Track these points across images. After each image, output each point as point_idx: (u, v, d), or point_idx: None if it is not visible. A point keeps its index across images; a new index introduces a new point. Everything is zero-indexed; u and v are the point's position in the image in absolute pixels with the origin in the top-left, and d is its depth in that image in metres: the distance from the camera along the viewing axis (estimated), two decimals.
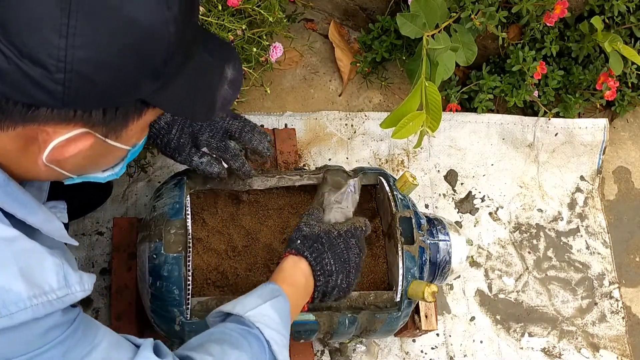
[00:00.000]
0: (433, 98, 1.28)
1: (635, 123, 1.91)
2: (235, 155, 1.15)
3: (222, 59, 0.78)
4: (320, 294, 1.05)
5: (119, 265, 1.39)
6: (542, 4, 1.54)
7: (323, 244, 1.05)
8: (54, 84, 0.62)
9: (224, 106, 0.79)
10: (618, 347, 1.63)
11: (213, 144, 1.13)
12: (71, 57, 0.61)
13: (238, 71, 0.80)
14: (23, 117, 0.64)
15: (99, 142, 0.71)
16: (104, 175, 0.82)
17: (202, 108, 0.77)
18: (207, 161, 1.14)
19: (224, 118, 1.13)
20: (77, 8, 0.60)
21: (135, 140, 0.77)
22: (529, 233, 1.70)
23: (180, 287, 1.12)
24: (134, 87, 0.67)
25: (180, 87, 0.71)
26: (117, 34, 0.62)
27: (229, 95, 0.78)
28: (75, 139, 0.68)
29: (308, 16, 1.83)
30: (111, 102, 0.67)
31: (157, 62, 0.66)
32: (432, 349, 1.52)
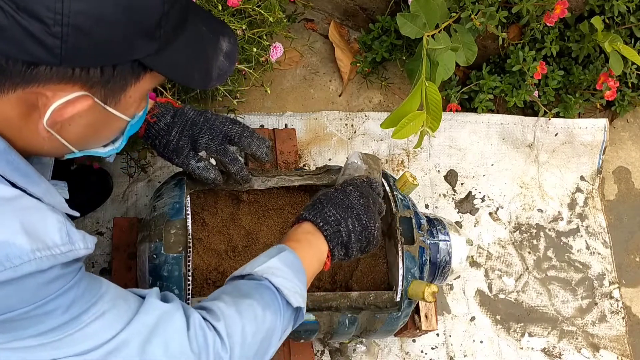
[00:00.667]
0: (433, 98, 1.28)
1: (635, 123, 1.91)
2: (234, 160, 1.15)
3: (217, 31, 0.80)
4: (338, 245, 1.03)
5: (119, 265, 1.38)
6: (542, 4, 1.54)
7: (321, 201, 1.06)
8: (52, 38, 0.62)
9: (220, 77, 0.79)
10: (618, 347, 1.63)
11: (212, 147, 1.13)
12: (68, 9, 0.61)
13: (233, 44, 0.81)
14: (23, 76, 0.65)
15: (98, 107, 0.71)
16: (105, 150, 0.83)
17: (199, 75, 0.77)
18: (203, 166, 1.14)
19: (224, 122, 1.14)
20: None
21: (135, 110, 0.78)
22: (529, 233, 1.70)
23: (180, 287, 1.12)
24: (129, 45, 0.67)
25: (176, 52, 0.72)
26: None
27: (225, 66, 0.79)
28: (74, 101, 0.68)
29: (308, 16, 1.83)
30: (108, 59, 0.67)
31: (151, 20, 0.67)
32: (432, 349, 1.52)
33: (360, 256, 1.09)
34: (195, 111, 1.14)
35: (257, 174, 1.27)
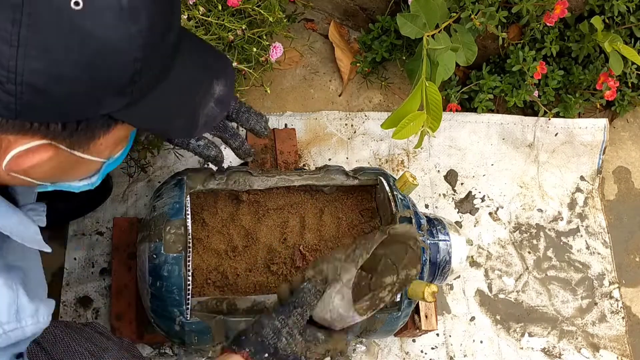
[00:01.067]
0: (433, 98, 1.28)
1: (635, 123, 1.91)
2: (235, 135, 1.13)
3: (211, 75, 0.74)
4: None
5: (119, 265, 1.39)
6: (542, 4, 1.54)
7: (264, 336, 0.88)
8: (6, 94, 0.59)
9: (207, 124, 0.74)
10: (618, 347, 1.63)
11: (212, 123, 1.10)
12: (22, 68, 0.58)
13: (229, 87, 0.75)
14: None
15: (65, 153, 0.67)
16: (78, 184, 0.78)
17: (181, 126, 0.72)
18: (204, 144, 1.12)
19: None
20: (29, 18, 0.57)
21: (110, 153, 0.73)
22: (529, 233, 1.70)
23: (180, 287, 1.12)
24: (95, 103, 0.63)
25: (155, 103, 0.67)
26: (72, 48, 0.58)
27: (215, 113, 0.74)
28: (35, 150, 0.65)
29: (308, 16, 1.83)
30: (69, 116, 0.63)
31: (120, 79, 0.62)
32: (432, 349, 1.52)
33: None
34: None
35: (257, 173, 1.27)
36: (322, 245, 1.29)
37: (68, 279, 1.42)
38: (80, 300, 1.40)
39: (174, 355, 1.39)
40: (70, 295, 1.40)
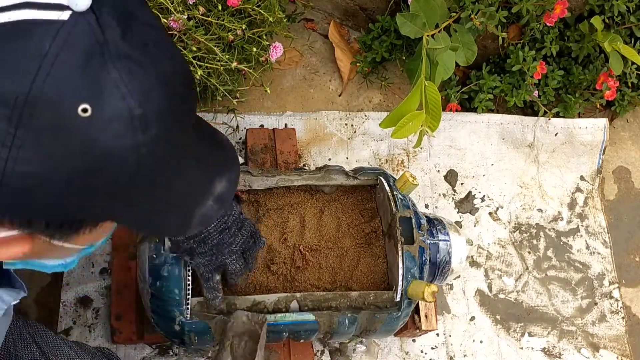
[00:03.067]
0: (433, 98, 1.28)
1: (635, 123, 1.91)
2: (213, 288, 1.10)
3: (214, 171, 0.69)
4: None
5: (119, 265, 1.39)
6: (542, 4, 1.54)
7: None
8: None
9: (202, 223, 0.69)
10: (618, 347, 1.62)
11: (200, 269, 1.08)
12: (10, 170, 0.52)
13: (231, 184, 0.70)
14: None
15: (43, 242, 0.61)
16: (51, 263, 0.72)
17: (173, 225, 0.68)
18: (212, 286, 1.10)
19: (231, 254, 1.07)
20: (30, 120, 0.52)
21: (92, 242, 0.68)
22: (529, 233, 1.70)
23: (180, 287, 1.12)
24: (86, 208, 0.58)
25: (148, 207, 0.62)
26: (72, 155, 0.53)
27: (212, 211, 0.68)
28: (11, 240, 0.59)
29: (308, 16, 1.83)
30: (55, 218, 0.58)
31: (118, 186, 0.57)
32: (432, 349, 1.52)
33: None
34: (218, 223, 1.03)
35: (257, 173, 1.27)
36: (322, 245, 1.29)
37: (68, 279, 1.42)
38: (80, 300, 1.40)
39: (174, 355, 1.39)
40: (70, 295, 1.40)
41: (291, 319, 1.15)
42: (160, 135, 0.56)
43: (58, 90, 0.52)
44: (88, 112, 0.52)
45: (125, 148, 0.54)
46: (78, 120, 0.52)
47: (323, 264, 1.28)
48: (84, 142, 0.53)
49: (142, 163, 0.56)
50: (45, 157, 0.53)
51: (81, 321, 1.39)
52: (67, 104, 0.52)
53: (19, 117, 0.52)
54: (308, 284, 1.26)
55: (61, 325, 1.38)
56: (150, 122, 0.55)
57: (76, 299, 1.40)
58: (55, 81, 0.52)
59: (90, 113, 0.52)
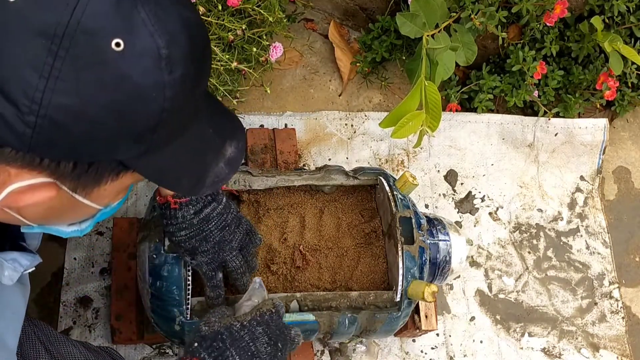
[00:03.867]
0: (433, 98, 1.28)
1: (635, 123, 1.91)
2: (216, 286, 1.10)
3: (225, 135, 0.73)
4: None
5: (119, 265, 1.39)
6: (542, 4, 1.54)
7: (224, 340, 0.91)
8: (24, 125, 0.56)
9: (215, 184, 0.73)
10: (618, 347, 1.62)
11: (203, 268, 1.08)
12: (47, 101, 0.55)
13: (240, 150, 0.74)
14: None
15: (65, 194, 0.64)
16: (67, 229, 0.75)
17: (189, 182, 0.71)
18: (214, 284, 1.11)
19: (232, 250, 1.08)
20: (67, 51, 0.55)
21: (109, 201, 0.71)
22: (529, 233, 1.70)
23: (180, 287, 1.12)
24: (112, 147, 0.61)
25: (168, 156, 0.65)
26: (105, 88, 0.56)
27: (223, 174, 0.73)
28: (37, 187, 0.62)
29: (308, 16, 1.83)
30: (83, 156, 0.61)
31: (143, 127, 0.60)
32: (432, 349, 1.52)
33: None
34: (218, 221, 1.05)
35: (257, 173, 1.27)
36: (322, 245, 1.29)
37: (68, 279, 1.42)
38: (80, 300, 1.40)
39: (174, 355, 1.39)
40: (70, 295, 1.40)
41: (291, 319, 1.15)
42: (183, 79, 0.60)
43: (95, 22, 0.55)
44: (121, 46, 0.56)
45: (153, 86, 0.58)
46: (111, 54, 0.56)
47: (323, 264, 1.28)
48: (116, 76, 0.56)
49: (166, 106, 0.60)
50: (80, 90, 0.56)
51: (81, 321, 1.39)
52: (102, 36, 0.55)
53: (58, 48, 0.54)
54: (308, 284, 1.26)
55: (61, 325, 1.38)
56: (175, 64, 0.59)
57: (76, 299, 1.40)
58: (92, 14, 0.55)
59: (123, 47, 0.56)
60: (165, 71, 0.59)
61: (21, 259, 0.78)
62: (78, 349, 1.01)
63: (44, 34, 0.55)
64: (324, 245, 1.29)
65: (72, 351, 1.00)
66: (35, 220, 0.69)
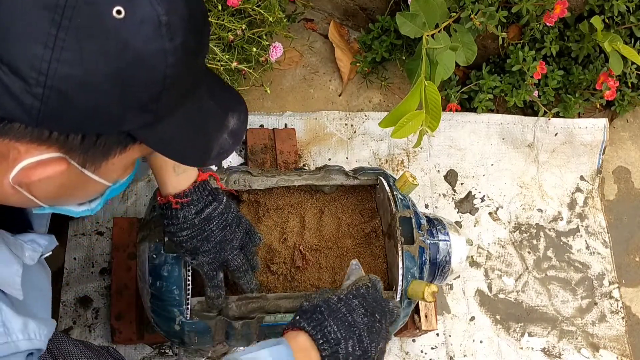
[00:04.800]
0: (432, 98, 1.28)
1: (635, 123, 1.91)
2: (217, 286, 1.10)
3: (226, 107, 0.74)
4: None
5: (119, 265, 1.39)
6: (542, 4, 1.54)
7: (322, 312, 0.94)
8: (32, 98, 0.57)
9: (220, 155, 0.74)
10: (618, 347, 1.62)
11: (205, 268, 1.08)
12: (54, 71, 0.56)
13: (242, 122, 0.76)
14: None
15: (75, 170, 0.65)
16: (77, 209, 0.77)
17: (195, 153, 0.72)
18: (215, 284, 1.11)
19: (233, 249, 1.08)
20: (70, 21, 0.56)
21: (117, 177, 0.72)
22: (529, 233, 1.70)
23: (180, 287, 1.12)
24: (119, 117, 0.62)
25: (173, 126, 0.67)
26: (109, 56, 0.57)
27: (228, 145, 0.74)
28: (47, 162, 0.62)
29: (308, 16, 1.83)
30: (91, 128, 0.62)
31: (148, 94, 0.61)
32: (432, 349, 1.52)
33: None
34: (219, 220, 1.06)
35: (257, 173, 1.27)
36: (322, 245, 1.29)
37: (68, 279, 1.42)
38: (80, 300, 1.40)
39: (174, 355, 1.39)
40: (70, 295, 1.40)
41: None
42: (184, 46, 0.61)
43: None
44: (122, 14, 0.57)
45: (155, 52, 0.59)
46: (113, 22, 0.57)
47: (323, 264, 1.28)
48: (119, 44, 0.57)
49: (168, 73, 0.61)
50: (84, 59, 0.57)
51: (81, 321, 1.39)
52: (103, 4, 0.57)
53: (61, 17, 0.55)
54: (308, 284, 1.26)
55: (61, 325, 1.38)
56: (175, 31, 0.60)
57: (76, 299, 1.40)
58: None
59: (124, 15, 0.57)
60: (166, 38, 0.60)
61: (39, 240, 0.79)
62: (79, 348, 1.01)
63: (47, 5, 0.55)
64: (324, 245, 1.29)
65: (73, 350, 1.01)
66: (46, 198, 0.70)
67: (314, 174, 1.29)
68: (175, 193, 1.03)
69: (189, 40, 0.62)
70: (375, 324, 0.97)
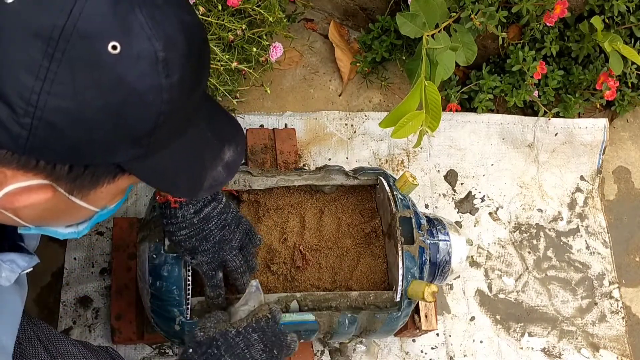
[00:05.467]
0: (432, 98, 1.28)
1: (635, 123, 1.91)
2: (216, 286, 1.10)
3: (224, 138, 0.73)
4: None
5: (119, 265, 1.39)
6: (542, 4, 1.54)
7: (219, 347, 0.91)
8: (19, 127, 0.56)
9: (213, 187, 0.72)
10: (618, 347, 1.62)
11: (204, 267, 1.08)
12: (43, 103, 0.55)
13: (239, 154, 0.74)
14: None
15: (62, 197, 0.64)
16: (64, 231, 0.75)
17: (186, 185, 0.71)
18: (215, 283, 1.11)
19: (232, 250, 1.08)
20: (63, 54, 0.55)
21: (105, 204, 0.71)
22: (529, 233, 1.70)
23: (180, 287, 1.12)
24: (109, 151, 0.61)
25: (165, 160, 0.65)
26: (102, 90, 0.56)
27: (221, 177, 0.72)
28: (33, 189, 0.62)
29: (308, 16, 1.83)
30: (79, 160, 0.61)
31: (141, 130, 0.60)
32: (432, 349, 1.52)
33: None
34: (218, 220, 1.05)
35: (257, 173, 1.27)
36: (322, 245, 1.29)
37: (68, 279, 1.42)
38: (80, 300, 1.40)
39: (174, 355, 1.39)
40: (70, 295, 1.40)
41: (291, 319, 1.15)
42: (181, 83, 0.60)
43: (91, 25, 0.55)
44: (117, 49, 0.56)
45: (150, 89, 0.58)
46: (108, 57, 0.56)
47: (323, 264, 1.28)
48: (113, 79, 0.56)
49: (163, 109, 0.60)
50: (76, 93, 0.56)
51: (81, 321, 1.39)
52: (98, 39, 0.56)
53: (54, 50, 0.55)
54: (308, 284, 1.26)
55: (61, 325, 1.38)
56: (172, 68, 0.59)
57: (76, 299, 1.40)
58: (89, 17, 0.55)
59: (119, 50, 0.56)
60: (162, 74, 0.58)
61: (19, 260, 0.78)
62: (77, 348, 1.01)
63: (40, 36, 0.55)
64: (324, 245, 1.29)
65: (72, 350, 1.00)
66: (31, 221, 0.69)
67: (314, 174, 1.29)
68: None
69: (187, 75, 0.61)
70: (277, 357, 0.95)
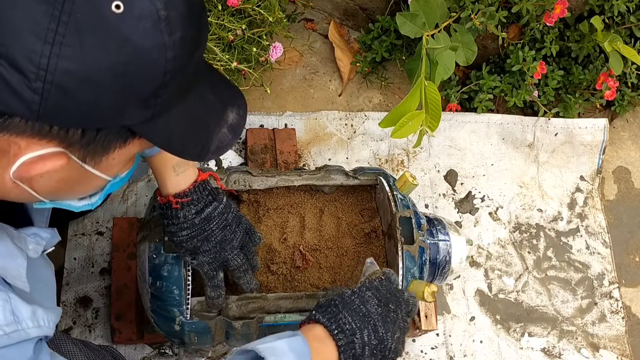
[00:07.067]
0: (432, 97, 1.28)
1: (635, 123, 1.91)
2: (217, 286, 1.10)
3: (225, 102, 0.75)
4: (350, 357, 0.93)
5: (119, 265, 1.39)
6: (542, 4, 1.54)
7: (337, 305, 0.96)
8: (31, 92, 0.57)
9: (219, 149, 0.74)
10: (618, 347, 1.63)
11: (205, 268, 1.08)
12: (53, 66, 0.56)
13: (241, 117, 0.76)
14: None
15: (75, 165, 0.66)
16: (78, 204, 0.77)
17: (195, 147, 0.72)
18: (215, 283, 1.11)
19: (233, 249, 1.08)
20: (69, 16, 0.56)
21: (117, 171, 0.72)
22: (528, 233, 1.70)
23: (180, 287, 1.12)
24: (119, 112, 0.62)
25: (173, 121, 0.67)
26: (109, 51, 0.58)
27: (227, 139, 0.74)
28: (48, 157, 0.63)
29: (308, 16, 1.83)
30: (91, 123, 0.62)
31: (148, 89, 0.62)
32: (432, 349, 1.52)
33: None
34: (219, 220, 1.06)
35: (257, 173, 1.27)
36: (322, 245, 1.29)
37: (68, 279, 1.42)
38: (80, 300, 1.40)
39: (174, 355, 1.39)
40: (70, 295, 1.40)
41: (291, 319, 1.15)
42: (183, 41, 0.61)
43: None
44: (120, 8, 0.57)
45: (154, 47, 0.59)
46: (112, 16, 0.57)
47: (323, 264, 1.28)
48: (118, 39, 0.58)
49: (168, 67, 0.61)
50: (84, 54, 0.57)
51: (81, 321, 1.39)
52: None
53: (60, 12, 0.56)
54: (308, 284, 1.26)
55: (61, 325, 1.38)
56: (174, 26, 0.60)
57: (76, 299, 1.40)
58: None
59: (122, 10, 0.57)
60: (165, 32, 0.60)
61: (41, 233, 0.80)
62: (78, 347, 1.01)
63: (45, 0, 0.56)
64: (324, 245, 1.29)
65: (72, 349, 1.01)
66: (46, 193, 0.70)
67: (314, 174, 1.29)
68: (175, 193, 1.03)
69: (189, 34, 0.62)
70: (390, 313, 0.97)
